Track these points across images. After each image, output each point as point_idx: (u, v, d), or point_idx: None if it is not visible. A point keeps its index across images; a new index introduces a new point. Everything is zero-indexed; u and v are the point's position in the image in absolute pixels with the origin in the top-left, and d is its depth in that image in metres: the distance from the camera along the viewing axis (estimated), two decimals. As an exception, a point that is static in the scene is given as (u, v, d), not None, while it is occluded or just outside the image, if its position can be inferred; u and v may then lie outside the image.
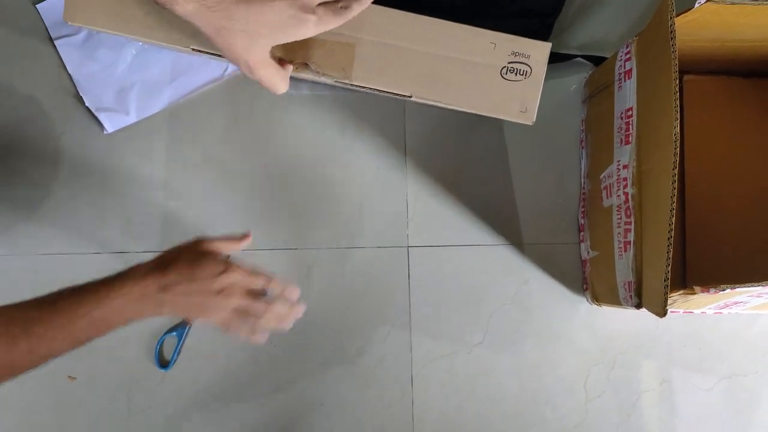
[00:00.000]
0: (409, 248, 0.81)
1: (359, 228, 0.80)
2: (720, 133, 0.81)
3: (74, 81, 0.79)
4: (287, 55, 0.55)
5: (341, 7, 0.52)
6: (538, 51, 0.55)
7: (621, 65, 0.69)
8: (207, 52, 0.55)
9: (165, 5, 0.49)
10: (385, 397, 0.78)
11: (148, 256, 0.76)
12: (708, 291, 0.53)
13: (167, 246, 0.77)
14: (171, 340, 0.76)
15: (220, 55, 0.55)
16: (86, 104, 0.79)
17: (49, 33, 0.80)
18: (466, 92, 0.55)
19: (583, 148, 0.82)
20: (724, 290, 0.52)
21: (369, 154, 0.81)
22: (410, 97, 0.55)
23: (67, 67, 0.79)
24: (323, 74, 0.55)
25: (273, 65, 0.54)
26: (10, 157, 0.79)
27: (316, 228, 0.80)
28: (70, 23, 0.56)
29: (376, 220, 0.81)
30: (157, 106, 0.80)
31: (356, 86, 0.55)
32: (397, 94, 0.55)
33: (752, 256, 0.78)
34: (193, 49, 0.55)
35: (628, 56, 0.68)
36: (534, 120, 0.56)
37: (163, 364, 0.76)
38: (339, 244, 0.80)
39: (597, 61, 0.81)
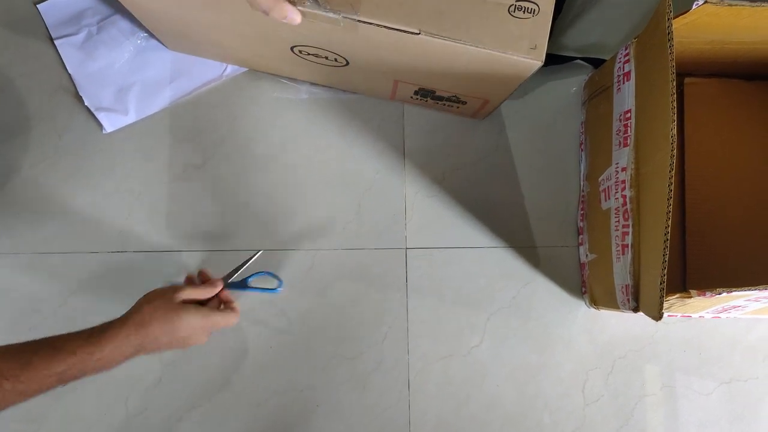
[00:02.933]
0: (407, 250, 0.80)
1: (358, 229, 0.80)
2: (721, 136, 0.81)
3: (74, 80, 0.79)
4: None
5: None
6: None
7: (620, 67, 0.69)
8: None
9: None
10: (383, 400, 0.78)
11: (145, 256, 0.77)
12: (704, 294, 0.53)
13: (165, 245, 0.78)
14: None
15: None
16: (86, 104, 0.79)
17: (49, 33, 0.80)
18: (475, 29, 0.55)
19: (582, 150, 0.82)
20: (720, 294, 0.52)
21: (368, 156, 0.81)
22: (418, 33, 0.55)
23: (67, 67, 0.80)
24: (331, 9, 0.54)
25: None
26: (10, 156, 0.79)
27: (314, 229, 0.80)
28: None
29: (375, 222, 0.80)
30: (157, 106, 0.80)
31: (364, 22, 0.55)
32: (405, 31, 0.55)
33: (753, 260, 0.77)
34: None
35: (626, 58, 0.68)
36: (543, 59, 0.55)
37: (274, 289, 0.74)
38: (338, 246, 0.80)
39: (596, 63, 0.81)
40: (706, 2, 0.54)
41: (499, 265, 0.81)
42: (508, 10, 0.55)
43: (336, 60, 0.68)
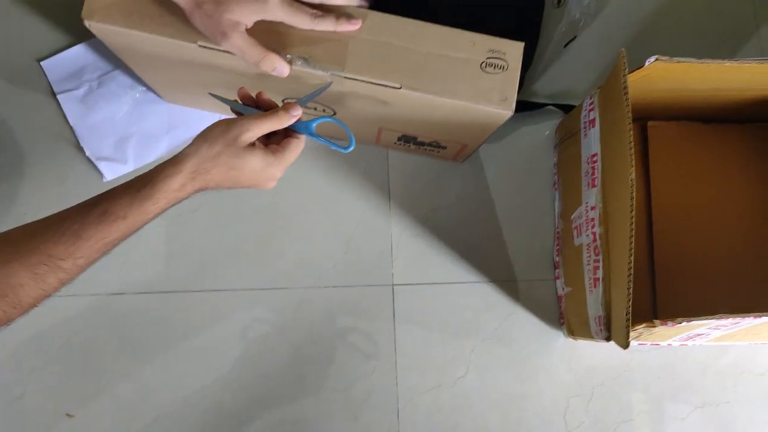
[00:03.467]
0: (394, 286, 0.85)
1: (346, 267, 0.84)
2: (684, 174, 0.87)
3: (75, 132, 0.84)
4: (284, 48, 0.60)
5: (312, 14, 0.58)
6: (513, 48, 0.61)
7: (586, 114, 0.75)
8: (212, 48, 0.59)
9: None
10: (374, 430, 0.81)
11: (144, 297, 0.81)
12: (666, 324, 0.57)
13: (163, 287, 0.81)
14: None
15: (224, 51, 0.59)
16: (86, 154, 0.83)
17: (51, 87, 0.85)
18: (450, 84, 0.60)
19: (556, 189, 0.87)
20: (680, 323, 0.56)
21: (354, 199, 0.86)
22: (399, 88, 0.60)
23: (69, 119, 0.84)
24: (319, 67, 0.60)
25: (246, 37, 0.57)
26: (14, 203, 0.83)
27: (303, 268, 0.84)
28: (87, 21, 0.59)
29: (363, 260, 0.85)
30: (154, 155, 0.85)
31: (350, 78, 0.60)
32: (388, 86, 0.60)
33: (718, 290, 0.82)
34: (199, 45, 0.59)
35: (591, 106, 0.73)
36: (513, 109, 0.61)
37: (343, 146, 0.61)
38: (327, 283, 0.84)
39: (566, 109, 0.87)
40: (657, 59, 0.60)
41: (482, 298, 0.85)
42: (480, 66, 0.61)
43: (324, 110, 0.73)
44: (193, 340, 0.81)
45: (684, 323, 0.57)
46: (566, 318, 0.82)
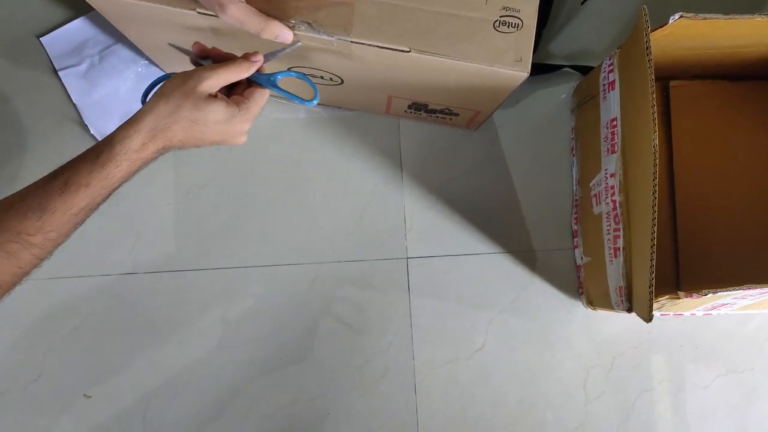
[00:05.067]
0: (408, 259, 0.83)
1: (360, 241, 0.83)
2: (708, 136, 0.83)
3: (79, 109, 0.82)
4: (288, 14, 0.57)
5: None
6: (528, 5, 0.58)
7: (605, 77, 0.71)
8: (210, 14, 0.57)
9: None
10: (391, 405, 0.80)
11: (155, 276, 0.80)
12: (691, 296, 0.55)
13: (174, 265, 0.80)
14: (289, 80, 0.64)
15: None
16: (91, 131, 0.82)
17: (53, 64, 0.83)
18: (462, 45, 0.57)
19: (573, 155, 0.84)
20: (706, 295, 0.54)
21: (366, 171, 0.84)
22: (408, 51, 0.57)
23: (72, 97, 0.82)
24: (324, 32, 0.57)
25: (245, 7, 0.54)
26: (19, 185, 0.81)
27: (317, 243, 0.82)
28: None
29: (376, 234, 0.83)
30: (160, 131, 0.83)
31: (356, 42, 0.57)
32: (396, 50, 0.58)
33: (743, 257, 0.80)
34: (198, 12, 0.57)
35: (611, 68, 0.70)
36: (529, 70, 0.58)
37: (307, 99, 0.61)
38: (340, 258, 0.82)
39: (584, 70, 0.84)
40: (681, 16, 0.56)
41: (498, 270, 0.83)
42: (493, 25, 0.58)
43: (331, 79, 0.70)
44: (207, 317, 0.80)
45: (710, 294, 0.54)
46: (585, 288, 0.80)
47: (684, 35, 0.63)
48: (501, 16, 0.58)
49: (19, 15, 0.84)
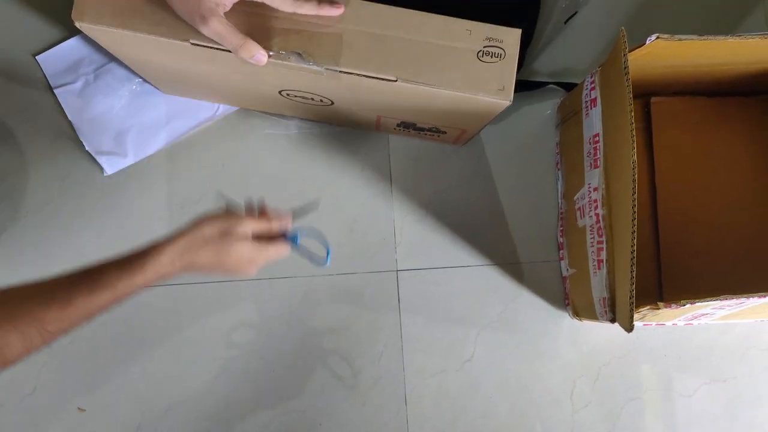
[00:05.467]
0: (398, 272, 0.85)
1: (350, 254, 0.84)
2: (688, 151, 0.86)
3: (74, 126, 0.84)
4: (278, 45, 0.58)
5: None
6: (510, 36, 0.60)
7: (587, 94, 0.74)
8: (205, 46, 0.59)
9: None
10: (382, 415, 0.82)
11: (153, 291, 0.81)
12: (671, 306, 0.57)
13: (166, 280, 0.81)
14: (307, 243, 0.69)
15: (217, 48, 0.59)
16: (86, 148, 0.83)
17: (48, 82, 0.84)
18: (447, 74, 0.59)
19: (558, 170, 0.86)
20: (684, 305, 0.56)
21: (356, 185, 0.85)
22: (395, 80, 0.59)
23: (67, 114, 0.84)
24: (314, 63, 0.59)
25: (226, 23, 0.56)
26: (16, 200, 0.83)
27: (308, 256, 0.84)
28: (77, 22, 0.58)
29: (366, 246, 0.85)
30: (154, 147, 0.84)
31: (345, 72, 0.59)
32: (383, 79, 0.59)
33: (724, 269, 0.82)
34: (192, 43, 0.59)
35: (592, 86, 0.72)
36: (511, 99, 0.60)
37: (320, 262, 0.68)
38: (331, 271, 0.84)
39: (568, 87, 0.86)
40: (658, 38, 0.59)
41: (487, 282, 0.85)
42: (477, 55, 0.60)
43: (321, 101, 0.72)
44: (200, 330, 0.82)
45: (688, 305, 0.56)
46: (571, 299, 0.82)
47: (661, 55, 0.65)
48: (485, 47, 0.60)
49: (16, 33, 0.85)
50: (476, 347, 0.84)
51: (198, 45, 0.59)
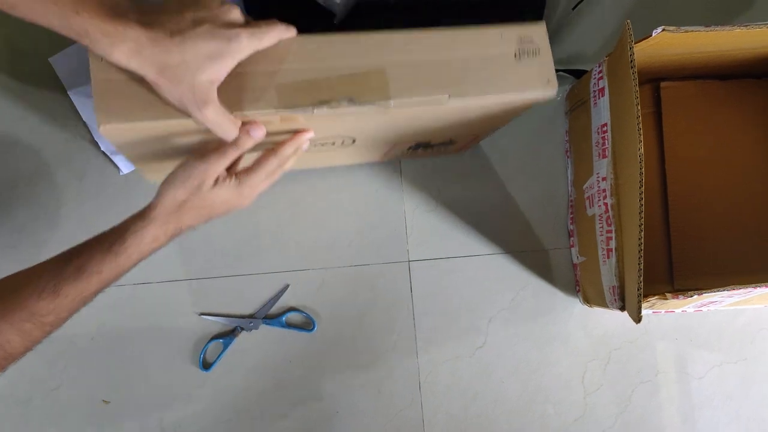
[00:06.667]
0: (410, 262, 0.86)
1: (363, 246, 0.86)
2: (699, 135, 0.85)
3: (89, 127, 0.85)
4: (326, 94, 0.56)
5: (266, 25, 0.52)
6: (539, 30, 0.61)
7: (595, 83, 0.74)
8: (259, 113, 0.55)
9: (104, 57, 0.47)
10: (397, 403, 0.84)
11: (169, 285, 0.83)
12: (678, 297, 0.58)
13: (186, 275, 0.83)
14: (216, 346, 0.83)
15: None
16: (101, 148, 0.84)
17: (62, 83, 0.86)
18: (494, 82, 0.59)
19: (568, 157, 0.87)
20: (691, 296, 0.57)
21: (366, 177, 0.86)
22: (447, 98, 0.58)
23: (82, 115, 0.85)
24: (366, 103, 0.57)
25: (222, 110, 0.52)
26: (34, 202, 0.85)
27: (321, 249, 0.85)
28: (103, 127, 0.54)
29: (378, 238, 0.86)
30: (167, 145, 0.86)
31: (398, 105, 0.58)
32: (435, 102, 0.59)
33: (735, 254, 0.82)
34: (240, 116, 0.56)
35: (600, 75, 0.72)
36: (557, 87, 0.60)
37: (206, 366, 0.82)
38: (345, 263, 0.85)
39: (578, 74, 0.86)
40: (663, 30, 0.58)
41: (497, 270, 0.86)
42: (515, 56, 0.60)
43: (343, 142, 0.71)
44: (219, 322, 0.84)
45: (695, 295, 0.57)
46: (582, 286, 0.83)
47: (669, 44, 0.65)
48: (519, 47, 0.60)
49: (28, 34, 0.86)
50: (488, 334, 0.85)
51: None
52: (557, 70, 0.85)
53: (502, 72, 0.59)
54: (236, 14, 0.50)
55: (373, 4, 0.76)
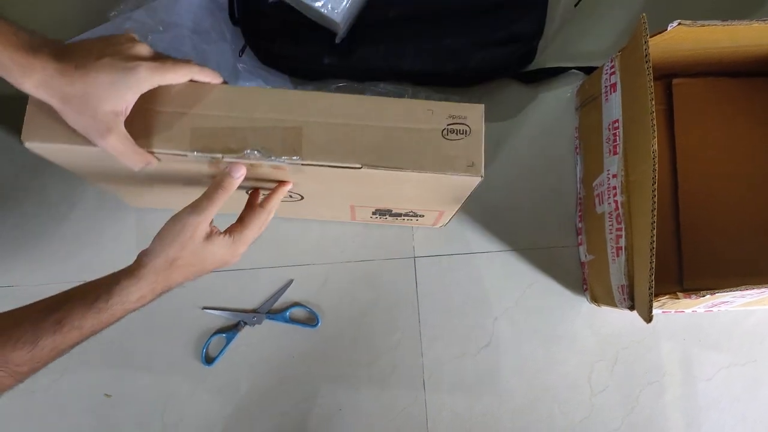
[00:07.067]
0: (416, 258, 0.85)
1: (368, 242, 0.85)
2: (710, 133, 0.84)
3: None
4: (239, 145, 0.57)
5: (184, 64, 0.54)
6: (473, 111, 0.58)
7: (606, 78, 0.72)
8: (167, 153, 0.56)
9: (16, 86, 0.50)
10: (400, 401, 0.83)
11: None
12: (690, 296, 0.57)
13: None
14: (218, 341, 0.82)
15: (177, 154, 0.56)
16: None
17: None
18: (413, 156, 0.57)
19: (578, 154, 0.85)
20: (704, 296, 0.56)
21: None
22: (360, 167, 0.57)
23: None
24: (275, 158, 0.57)
25: (127, 137, 0.53)
26: (37, 196, 0.84)
27: (325, 243, 0.84)
28: (28, 143, 0.56)
29: (384, 234, 0.85)
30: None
31: (307, 164, 0.58)
32: (347, 167, 0.58)
33: (746, 253, 0.81)
34: (149, 151, 0.57)
35: (612, 70, 0.71)
36: (482, 174, 0.58)
37: (209, 360, 0.82)
38: (350, 258, 0.84)
39: (588, 70, 0.85)
40: (680, 24, 0.57)
41: (504, 267, 0.85)
42: (442, 134, 0.58)
43: (291, 197, 0.71)
44: (222, 315, 0.83)
45: (708, 295, 0.56)
46: (589, 285, 0.82)
47: (684, 39, 0.64)
48: (448, 125, 0.58)
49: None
50: (494, 332, 0.84)
51: (160, 152, 0.57)
52: (568, 68, 0.85)
53: (424, 148, 0.57)
54: (141, 49, 0.53)
55: (373, 20, 0.75)
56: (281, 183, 0.62)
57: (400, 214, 0.78)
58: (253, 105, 0.57)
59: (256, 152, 0.57)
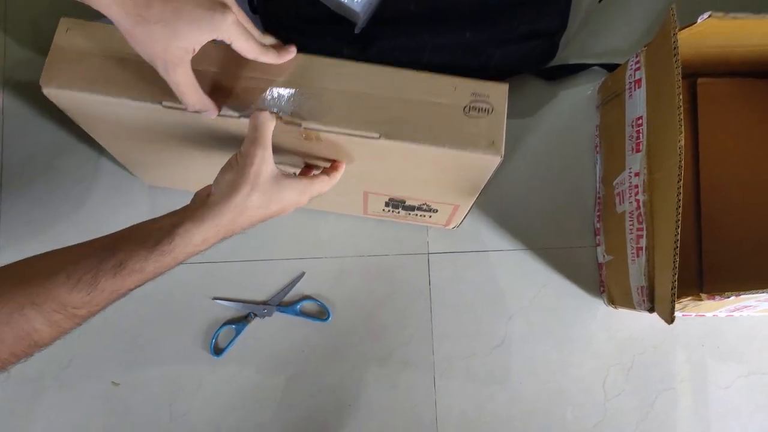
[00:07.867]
0: (430, 255, 0.84)
1: (381, 236, 0.84)
2: (735, 134, 0.82)
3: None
4: (239, 101, 0.56)
5: (259, 43, 0.52)
6: (497, 90, 0.57)
7: (631, 74, 0.71)
8: (177, 108, 0.56)
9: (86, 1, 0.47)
10: (410, 398, 0.81)
11: (188, 267, 0.82)
12: (714, 298, 0.55)
13: (206, 258, 0.82)
14: (228, 332, 0.81)
15: (193, 112, 0.55)
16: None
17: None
18: (433, 130, 0.56)
19: (597, 153, 0.84)
20: (728, 297, 0.54)
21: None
22: (378, 137, 0.56)
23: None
24: (294, 122, 0.56)
25: (191, 76, 0.51)
26: (52, 177, 0.84)
27: (340, 237, 0.83)
28: (45, 89, 0.56)
29: (398, 229, 0.84)
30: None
31: (326, 130, 0.56)
32: (365, 137, 0.56)
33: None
34: (164, 106, 0.56)
35: (637, 66, 0.70)
36: (503, 153, 0.56)
37: (217, 352, 0.81)
38: (363, 253, 0.83)
39: (610, 67, 0.83)
40: (711, 16, 0.56)
41: (519, 266, 0.84)
42: (464, 110, 0.56)
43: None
44: (235, 307, 0.82)
45: (732, 297, 0.54)
46: (607, 287, 0.80)
47: (713, 34, 0.62)
48: (471, 102, 0.57)
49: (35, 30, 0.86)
50: (507, 332, 0.83)
51: (171, 108, 0.56)
52: (590, 65, 0.83)
53: (445, 123, 0.56)
54: (230, 1, 0.50)
55: (394, 12, 0.74)
56: (337, 161, 0.61)
57: (413, 207, 0.76)
58: (270, 67, 0.56)
59: (287, 116, 0.56)
